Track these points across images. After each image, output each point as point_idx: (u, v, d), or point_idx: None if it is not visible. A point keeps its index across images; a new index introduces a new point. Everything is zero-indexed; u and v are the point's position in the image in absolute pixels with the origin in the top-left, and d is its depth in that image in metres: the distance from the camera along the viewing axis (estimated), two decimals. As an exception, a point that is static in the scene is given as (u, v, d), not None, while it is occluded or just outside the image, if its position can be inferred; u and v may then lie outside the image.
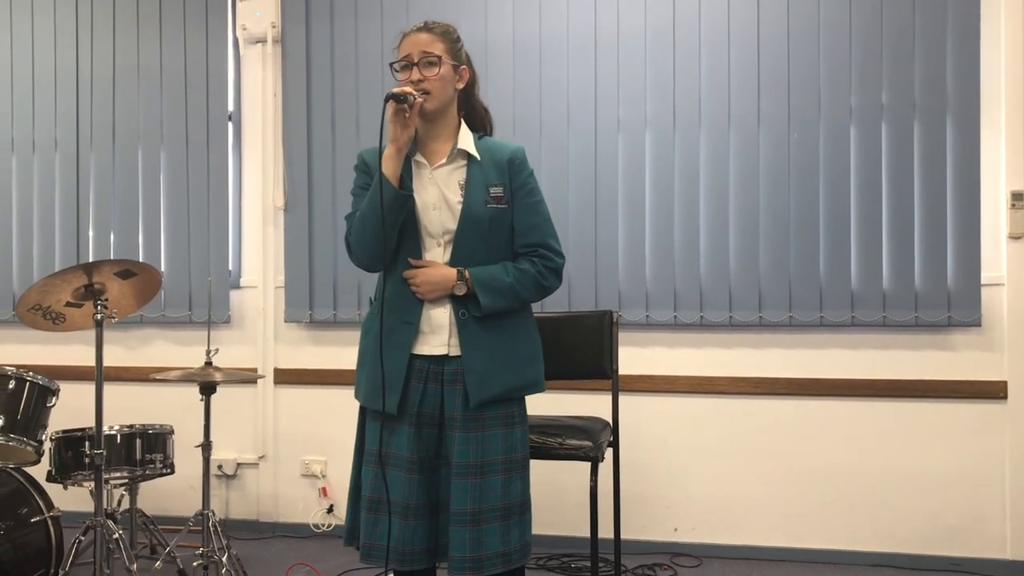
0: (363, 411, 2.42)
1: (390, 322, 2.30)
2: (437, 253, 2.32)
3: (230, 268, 4.39)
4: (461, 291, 2.28)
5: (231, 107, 4.41)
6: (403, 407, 2.30)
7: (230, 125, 4.40)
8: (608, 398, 3.49)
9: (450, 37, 2.35)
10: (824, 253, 3.81)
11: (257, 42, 4.36)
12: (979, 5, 3.68)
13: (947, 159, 3.71)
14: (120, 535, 3.16)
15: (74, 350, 4.43)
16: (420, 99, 2.24)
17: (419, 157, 2.35)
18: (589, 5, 3.99)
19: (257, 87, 4.37)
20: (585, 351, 3.41)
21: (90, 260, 4.23)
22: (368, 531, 2.31)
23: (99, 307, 3.02)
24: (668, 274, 3.93)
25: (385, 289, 2.33)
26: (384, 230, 2.24)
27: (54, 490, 3.32)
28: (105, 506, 3.06)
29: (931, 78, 3.72)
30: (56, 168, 4.50)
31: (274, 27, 4.30)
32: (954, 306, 3.70)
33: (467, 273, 2.28)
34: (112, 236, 4.44)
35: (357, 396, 2.40)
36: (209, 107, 4.36)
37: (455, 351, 2.30)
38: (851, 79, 3.79)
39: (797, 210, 3.83)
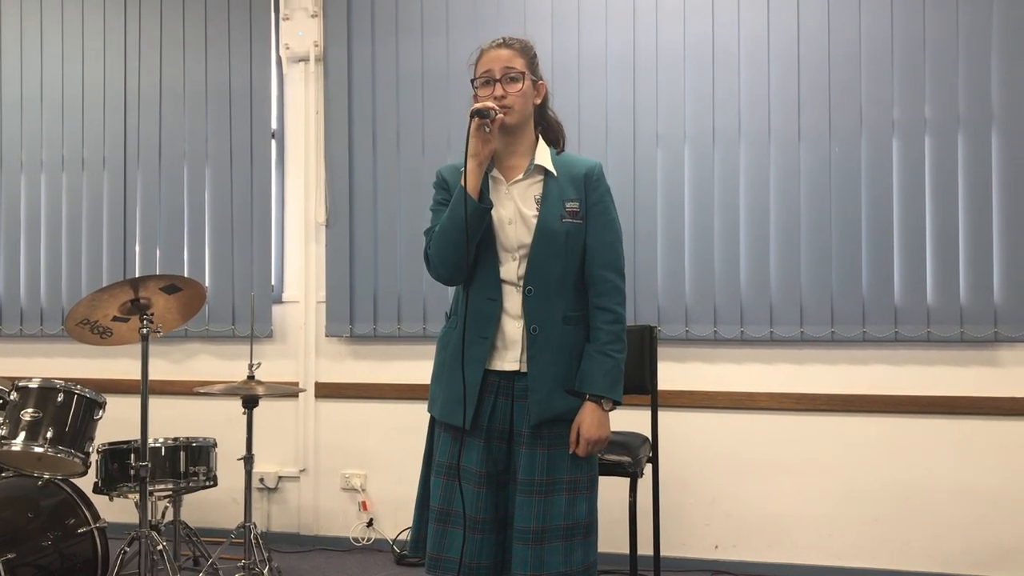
0: (433, 422, 2.42)
1: (468, 336, 2.30)
2: (512, 267, 2.31)
3: (272, 283, 4.44)
4: (609, 406, 2.30)
5: (274, 125, 4.47)
6: (475, 421, 2.29)
7: (273, 142, 4.47)
8: (647, 413, 3.48)
9: (528, 53, 2.35)
10: (867, 268, 3.77)
11: (300, 61, 4.43)
12: (1024, 16, 3.64)
13: (992, 172, 3.66)
14: (164, 546, 3.20)
15: (120, 364, 4.51)
16: (501, 115, 2.24)
17: (496, 173, 2.34)
18: (627, 20, 4.00)
19: (300, 105, 4.43)
20: (624, 366, 3.39)
21: (136, 275, 4.30)
22: (436, 543, 2.30)
23: (145, 321, 3.08)
24: (708, 289, 3.91)
25: (461, 303, 2.34)
26: (466, 243, 2.24)
27: (100, 501, 3.38)
28: (149, 518, 3.11)
29: (976, 91, 3.68)
30: (104, 185, 4.59)
31: (316, 46, 4.36)
32: (1000, 321, 3.63)
33: (599, 392, 2.28)
34: (158, 252, 4.52)
35: (431, 409, 2.40)
36: (253, 125, 4.43)
37: (526, 367, 2.29)
38: (893, 92, 3.75)
39: (839, 224, 3.80)
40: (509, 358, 2.30)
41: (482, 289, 2.31)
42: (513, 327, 2.30)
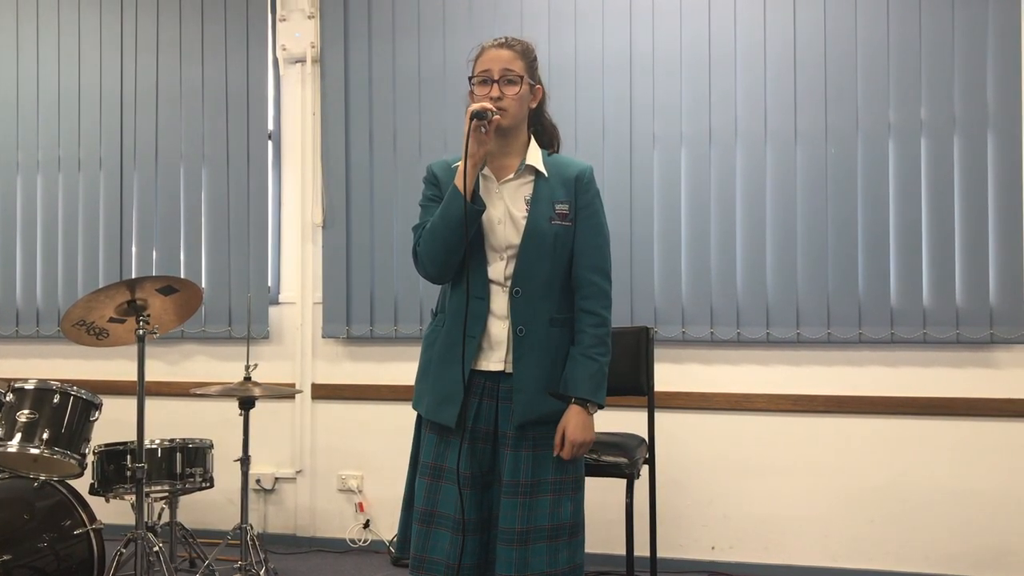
0: (419, 422, 2.42)
1: (454, 335, 2.30)
2: (499, 267, 2.30)
3: (269, 284, 4.44)
4: (594, 409, 2.28)
5: (271, 126, 4.47)
6: (459, 422, 2.28)
7: (270, 143, 4.46)
8: (644, 415, 3.49)
9: (529, 56, 2.33)
10: (863, 269, 3.77)
11: (296, 62, 4.42)
12: (1020, 18, 3.64)
13: (988, 174, 3.67)
14: (160, 548, 3.20)
15: (117, 365, 4.50)
16: (497, 117, 2.22)
17: (487, 171, 2.32)
18: (624, 22, 4.01)
19: (296, 106, 4.43)
20: (621, 367, 3.39)
21: (133, 276, 4.30)
22: (419, 543, 2.29)
23: (141, 323, 3.08)
24: (704, 290, 3.91)
25: (449, 300, 2.34)
26: (457, 242, 2.23)
27: (96, 503, 3.37)
28: (146, 519, 3.10)
29: (971, 93, 3.69)
30: (100, 186, 4.59)
31: (313, 47, 4.36)
32: (996, 323, 3.64)
33: (583, 395, 2.26)
34: (154, 253, 4.52)
35: (417, 407, 2.39)
36: (249, 126, 4.42)
37: (511, 368, 2.28)
38: (889, 94, 3.76)
39: (835, 226, 3.80)
40: (494, 358, 2.30)
41: (470, 288, 2.30)
42: (499, 327, 2.30)
